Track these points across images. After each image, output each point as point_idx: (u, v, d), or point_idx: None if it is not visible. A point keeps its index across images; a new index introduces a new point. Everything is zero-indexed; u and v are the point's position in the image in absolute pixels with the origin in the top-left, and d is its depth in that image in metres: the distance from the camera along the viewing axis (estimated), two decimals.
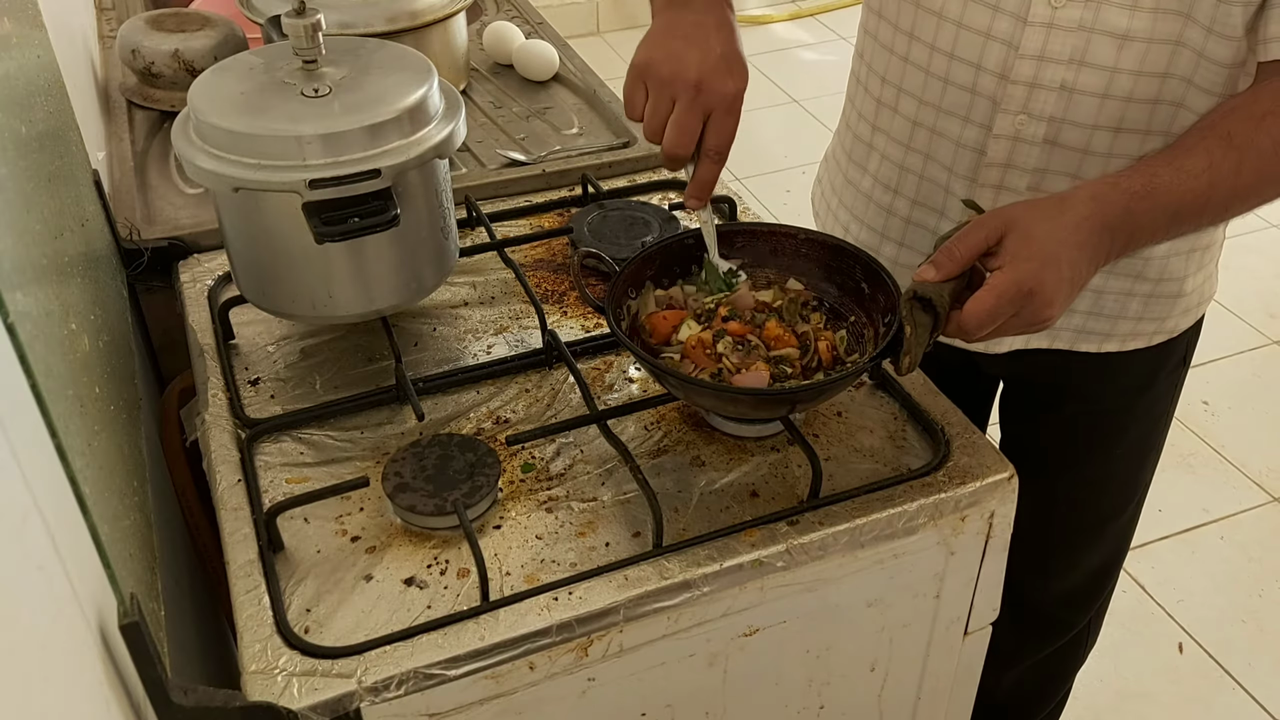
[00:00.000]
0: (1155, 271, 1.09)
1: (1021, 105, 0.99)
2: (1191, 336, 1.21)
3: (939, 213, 1.11)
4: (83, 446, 0.70)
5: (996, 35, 0.98)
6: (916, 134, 1.09)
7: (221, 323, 1.10)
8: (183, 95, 1.06)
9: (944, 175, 1.09)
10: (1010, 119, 1.00)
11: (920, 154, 1.09)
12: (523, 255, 1.24)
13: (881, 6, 1.07)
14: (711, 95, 0.93)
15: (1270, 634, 1.98)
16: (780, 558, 0.89)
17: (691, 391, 0.95)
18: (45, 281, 0.75)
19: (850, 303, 1.03)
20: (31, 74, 0.95)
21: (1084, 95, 0.97)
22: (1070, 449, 1.27)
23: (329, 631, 0.82)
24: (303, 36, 0.95)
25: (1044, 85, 0.98)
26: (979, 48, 0.99)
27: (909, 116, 1.08)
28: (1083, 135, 0.99)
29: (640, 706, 0.92)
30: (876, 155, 1.14)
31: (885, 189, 1.15)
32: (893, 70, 1.08)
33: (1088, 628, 1.48)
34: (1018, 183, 1.03)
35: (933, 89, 1.05)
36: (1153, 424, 1.27)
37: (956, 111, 1.04)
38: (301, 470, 0.96)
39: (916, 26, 1.03)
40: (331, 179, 0.91)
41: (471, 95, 1.58)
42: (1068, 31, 0.95)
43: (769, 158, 3.34)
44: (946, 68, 1.02)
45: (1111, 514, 1.34)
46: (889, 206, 1.15)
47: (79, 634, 0.61)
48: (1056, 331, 1.13)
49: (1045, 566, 1.37)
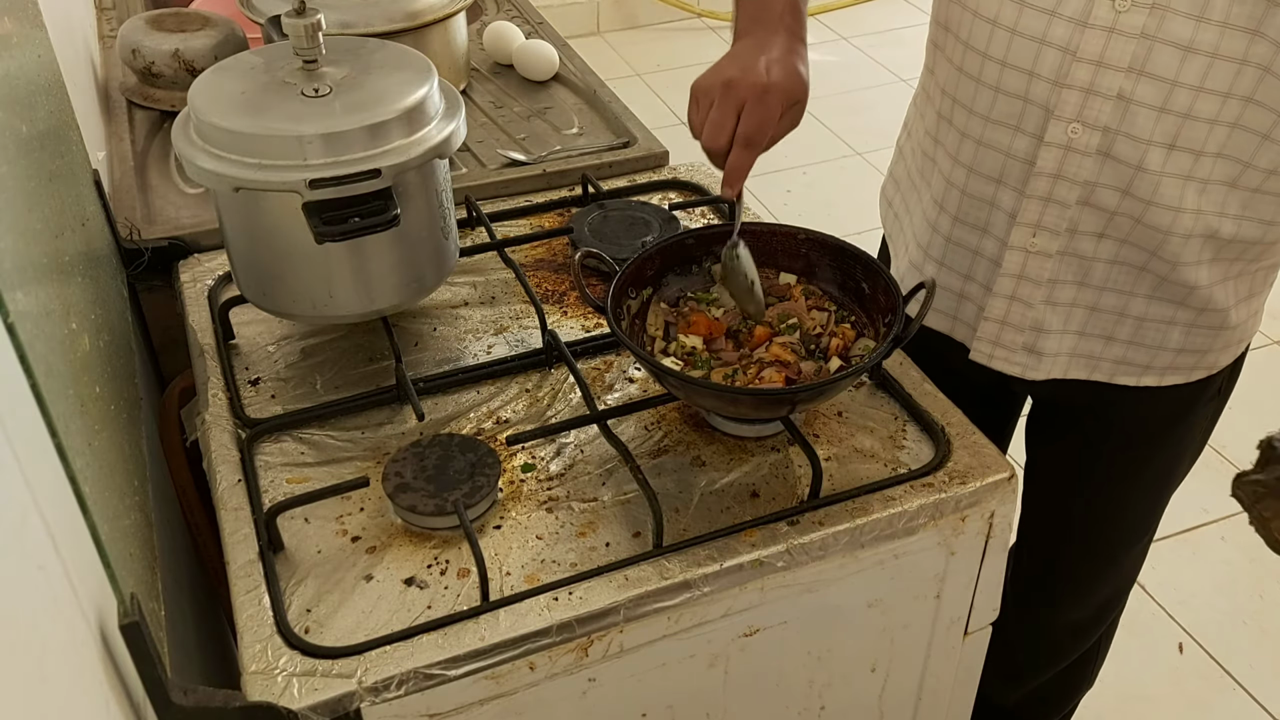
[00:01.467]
0: (1200, 300, 1.05)
1: (1076, 112, 0.96)
2: (1233, 371, 1.18)
3: (981, 230, 1.08)
4: (83, 446, 0.70)
5: (1052, 41, 0.95)
6: (964, 147, 1.06)
7: (222, 323, 1.10)
8: (183, 95, 1.06)
9: (990, 189, 1.06)
10: (1063, 126, 0.97)
11: (965, 168, 1.07)
12: (523, 255, 1.24)
13: (947, 17, 1.05)
14: (742, 88, 0.95)
15: (1271, 635, 1.97)
16: (780, 558, 0.89)
17: (692, 391, 0.95)
18: (46, 281, 0.75)
19: (851, 302, 1.03)
20: (32, 73, 0.95)
21: (1141, 107, 0.94)
22: (1094, 476, 1.25)
23: (329, 631, 0.82)
24: (303, 36, 0.95)
25: (1100, 93, 0.94)
26: (1033, 54, 0.97)
27: (959, 129, 1.06)
28: (1136, 150, 0.96)
29: (641, 707, 0.92)
30: (937, 171, 1.12)
31: (935, 205, 1.13)
32: (950, 81, 1.06)
33: (1096, 648, 1.47)
34: (1066, 195, 1.00)
35: (983, 99, 1.02)
36: (1180, 456, 1.25)
37: (1007, 121, 1.01)
38: (302, 470, 0.96)
39: (972, 35, 1.01)
40: (332, 179, 0.91)
41: (471, 95, 1.58)
42: (1129, 38, 0.92)
43: (769, 158, 3.30)
44: (998, 76, 1.00)
45: (1128, 542, 1.32)
46: (934, 222, 1.13)
47: (79, 634, 0.61)
48: (1096, 362, 1.11)
49: (1059, 590, 1.36)
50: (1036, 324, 1.09)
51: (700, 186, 1.36)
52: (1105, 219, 1.00)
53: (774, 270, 1.06)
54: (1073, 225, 1.02)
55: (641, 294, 1.03)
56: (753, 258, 1.04)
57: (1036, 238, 1.03)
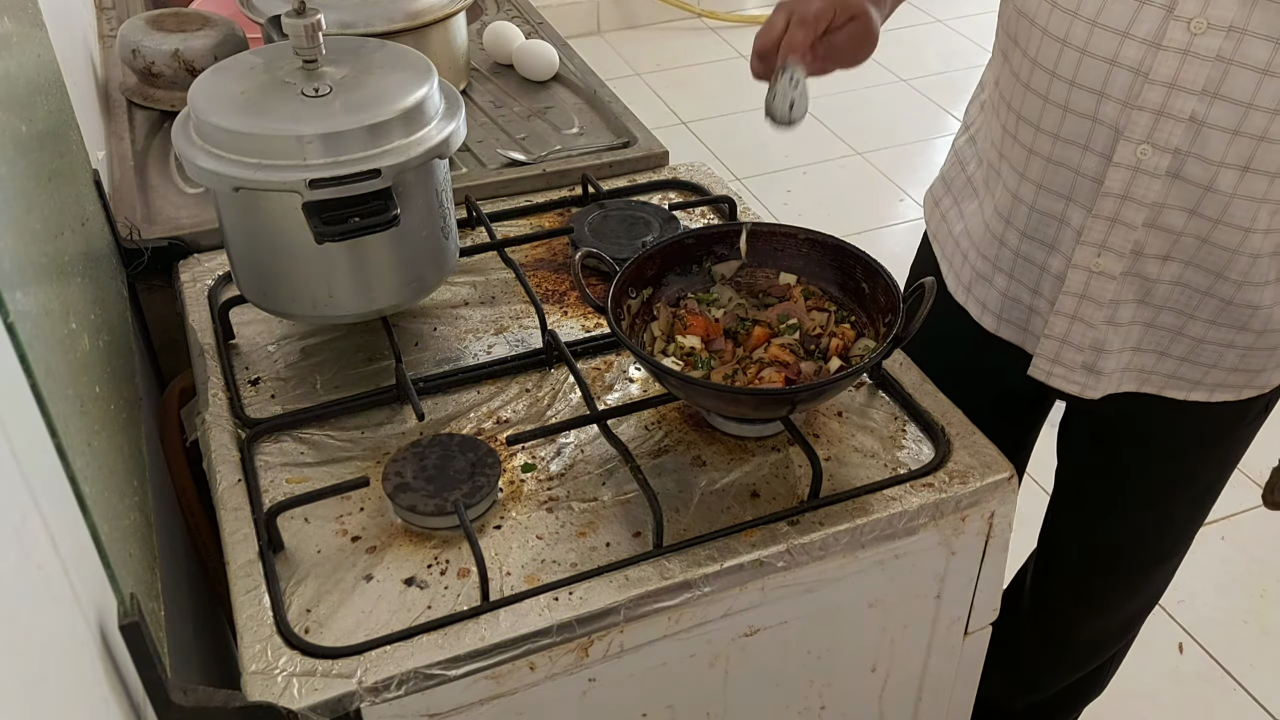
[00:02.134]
0: (1261, 322, 1.03)
1: (1146, 134, 0.94)
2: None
3: (1049, 247, 1.07)
4: (83, 446, 0.70)
5: (1124, 62, 0.93)
6: (1031, 163, 1.04)
7: (221, 322, 1.10)
8: (183, 95, 1.06)
9: (1059, 205, 1.04)
10: (1132, 148, 0.95)
11: (1033, 184, 1.05)
12: (523, 255, 1.24)
13: (1015, 32, 1.03)
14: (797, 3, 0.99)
15: (1272, 635, 1.97)
16: (781, 558, 0.89)
17: (692, 391, 0.95)
18: (45, 281, 0.75)
19: (851, 302, 1.03)
20: (32, 73, 0.95)
21: (1214, 130, 0.91)
22: (1134, 491, 1.23)
23: (329, 631, 0.82)
24: (303, 36, 0.95)
25: (1172, 115, 0.92)
26: (1103, 75, 0.94)
27: (1026, 145, 1.04)
28: (1207, 171, 0.94)
29: (641, 707, 0.91)
30: (1001, 183, 1.11)
31: (999, 218, 1.11)
32: (1015, 97, 1.04)
33: (1112, 659, 1.47)
34: (1133, 217, 0.98)
35: (1051, 117, 1.00)
36: (1222, 472, 1.23)
37: (1075, 140, 0.99)
38: (302, 470, 0.96)
39: (1041, 52, 0.99)
40: (332, 179, 0.91)
41: (471, 95, 1.58)
42: (1204, 60, 0.89)
43: (769, 158, 3.34)
44: (1066, 95, 0.98)
45: (1162, 559, 1.30)
46: (1000, 236, 1.12)
47: (79, 634, 0.61)
48: (1148, 375, 1.10)
49: (1084, 607, 1.35)
50: (1097, 344, 1.08)
51: (700, 186, 1.36)
52: (1171, 240, 0.99)
53: (774, 270, 1.06)
54: (1138, 248, 1.00)
55: (641, 294, 1.03)
56: (753, 256, 1.05)
57: (1101, 258, 1.02)
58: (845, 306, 1.03)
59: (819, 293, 1.05)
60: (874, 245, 1.29)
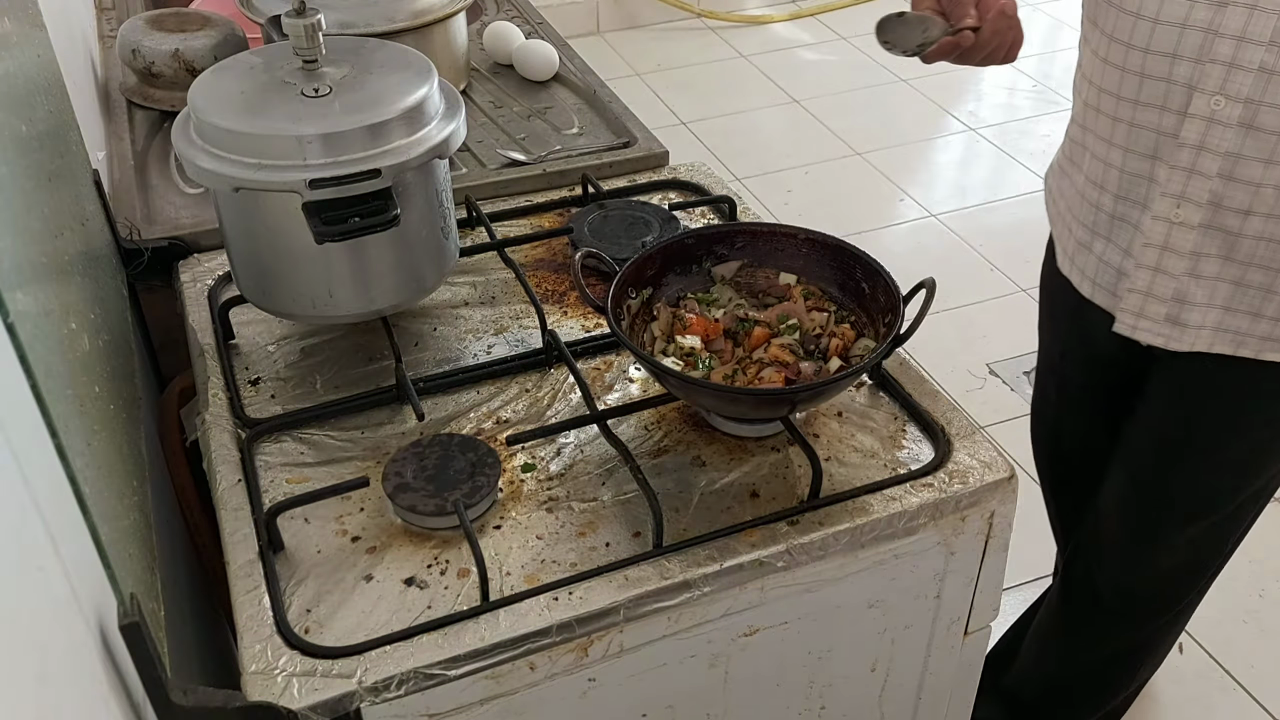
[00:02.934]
0: None
1: (1219, 86, 1.00)
2: None
3: (1141, 205, 1.11)
4: (82, 446, 0.70)
5: (1194, 24, 1.00)
6: (1116, 130, 1.11)
7: (221, 322, 1.10)
8: (183, 95, 1.06)
9: (1146, 165, 1.09)
10: (1206, 99, 1.02)
11: (1120, 148, 1.11)
12: (523, 255, 1.24)
13: (1094, 13, 1.10)
14: None
15: (1271, 634, 1.97)
16: (781, 558, 0.89)
17: (692, 391, 0.95)
18: (45, 281, 0.75)
19: (851, 302, 1.03)
20: (31, 73, 0.95)
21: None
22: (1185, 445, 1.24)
23: (329, 632, 0.82)
24: (303, 36, 0.95)
25: (1242, 66, 0.99)
26: (1175, 38, 1.01)
27: (1109, 114, 1.11)
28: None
29: (641, 707, 0.92)
30: (1088, 154, 1.17)
31: (1093, 185, 1.17)
32: (1095, 71, 1.11)
33: (1165, 630, 1.45)
34: (1209, 166, 1.04)
35: (1129, 84, 1.07)
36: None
37: (1153, 102, 1.06)
38: (302, 470, 0.96)
39: (1116, 27, 1.06)
40: (331, 179, 0.91)
41: (471, 95, 1.58)
42: (1270, 13, 0.96)
43: (769, 158, 3.34)
44: (1142, 62, 1.05)
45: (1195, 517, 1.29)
46: (1096, 202, 1.17)
47: (79, 634, 0.61)
48: (1243, 338, 1.12)
49: (1119, 554, 1.35)
50: (1180, 295, 1.11)
51: (700, 187, 1.36)
52: (1251, 193, 1.03)
53: (774, 270, 1.06)
54: (1215, 199, 1.05)
55: (641, 294, 1.03)
56: (754, 256, 1.05)
57: (1180, 209, 1.07)
58: (845, 306, 1.03)
59: (819, 293, 1.05)
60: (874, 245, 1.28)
